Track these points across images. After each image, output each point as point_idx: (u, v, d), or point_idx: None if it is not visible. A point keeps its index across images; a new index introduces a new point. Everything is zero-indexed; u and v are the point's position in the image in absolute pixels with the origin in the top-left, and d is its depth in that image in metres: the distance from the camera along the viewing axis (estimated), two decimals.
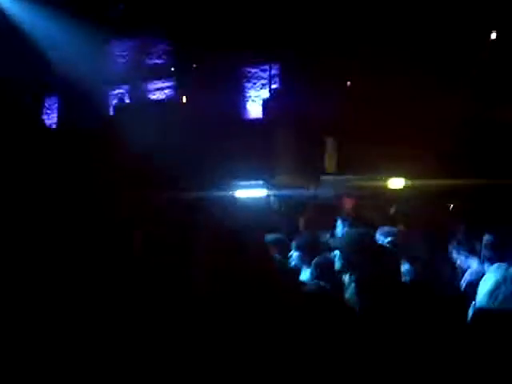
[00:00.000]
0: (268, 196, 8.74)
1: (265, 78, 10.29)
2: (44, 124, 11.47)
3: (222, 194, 7.33)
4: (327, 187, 8.65)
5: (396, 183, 7.61)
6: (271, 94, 9.84)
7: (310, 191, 8.74)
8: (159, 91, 10.87)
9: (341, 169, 8.95)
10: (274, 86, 10.10)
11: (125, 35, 11.18)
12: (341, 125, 8.91)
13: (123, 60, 11.34)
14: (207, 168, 8.56)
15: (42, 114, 11.62)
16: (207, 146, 8.76)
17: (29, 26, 9.85)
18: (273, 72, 10.14)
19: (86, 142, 8.53)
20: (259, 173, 8.90)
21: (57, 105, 11.61)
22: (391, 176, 7.56)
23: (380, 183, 7.60)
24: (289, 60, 9.96)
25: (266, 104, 9.79)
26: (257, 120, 9.92)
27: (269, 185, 8.75)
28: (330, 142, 9.15)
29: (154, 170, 7.89)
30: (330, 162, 9.04)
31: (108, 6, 10.06)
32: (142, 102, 10.91)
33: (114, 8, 10.41)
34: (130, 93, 11.15)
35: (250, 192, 8.66)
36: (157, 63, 11.01)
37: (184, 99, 10.10)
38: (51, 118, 11.64)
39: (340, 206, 7.15)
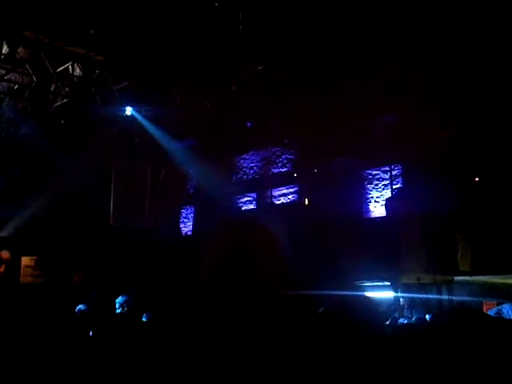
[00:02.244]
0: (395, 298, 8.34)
1: (386, 179, 10.33)
2: (181, 232, 12.62)
3: (351, 294, 7.18)
4: (462, 288, 8.04)
5: None
6: (394, 194, 9.79)
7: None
8: (284, 196, 11.45)
9: (477, 267, 8.29)
10: (396, 186, 10.07)
11: (252, 149, 12.27)
12: (472, 220, 8.44)
13: (251, 171, 12.32)
14: (332, 268, 8.53)
15: (179, 223, 12.85)
16: (330, 245, 8.80)
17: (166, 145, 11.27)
18: (394, 172, 10.17)
19: (215, 245, 9.16)
20: (385, 273, 8.61)
21: (192, 215, 12.78)
22: None
23: None
24: (411, 160, 9.97)
25: (389, 203, 9.72)
26: (380, 219, 9.82)
27: (396, 286, 8.39)
28: (461, 239, 8.63)
29: (280, 269, 8.09)
30: (463, 261, 8.44)
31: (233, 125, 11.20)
32: (268, 207, 11.52)
33: (242, 126, 11.58)
34: (257, 199, 11.90)
35: (376, 293, 8.36)
36: (281, 171, 11.74)
37: (306, 202, 10.48)
38: (187, 226, 12.78)
39: None
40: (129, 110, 10.87)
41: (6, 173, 10.62)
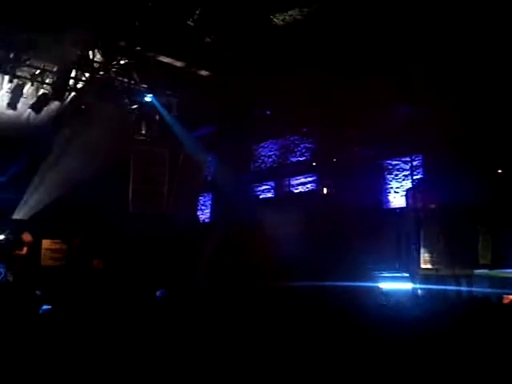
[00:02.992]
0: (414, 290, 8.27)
1: (407, 170, 10.19)
2: (198, 219, 12.65)
3: (366, 284, 7.16)
4: (482, 281, 7.93)
5: None
6: (414, 184, 9.65)
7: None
8: (302, 185, 11.38)
9: (497, 261, 8.16)
10: (416, 177, 9.92)
11: (271, 138, 12.21)
12: (494, 213, 8.29)
13: (270, 159, 12.26)
14: (350, 258, 8.48)
15: (197, 210, 12.89)
16: (349, 235, 8.74)
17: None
18: (415, 163, 10.01)
19: (232, 232, 9.21)
20: (403, 264, 8.54)
21: (210, 202, 12.81)
22: None
23: None
24: (432, 150, 9.80)
25: (409, 194, 9.59)
26: (400, 210, 9.70)
27: (414, 277, 8.31)
28: (483, 232, 8.49)
29: (296, 258, 8.09)
30: (484, 254, 8.31)
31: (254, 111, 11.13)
32: (286, 196, 11.49)
33: (261, 114, 11.51)
34: (276, 188, 11.86)
35: (394, 284, 8.30)
36: (299, 160, 11.66)
37: (325, 191, 10.40)
38: (205, 214, 12.82)
39: None
40: (148, 97, 10.88)
41: (26, 157, 10.74)
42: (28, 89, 10.10)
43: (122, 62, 10.25)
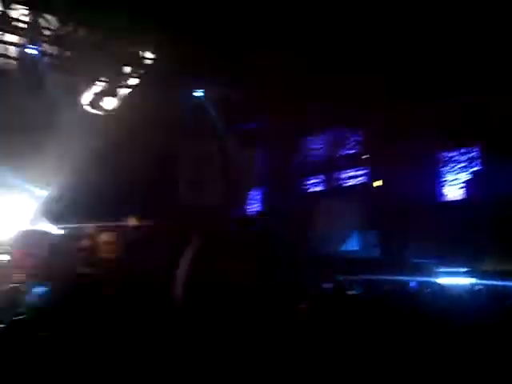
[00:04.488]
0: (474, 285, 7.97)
1: (463, 161, 9.82)
2: (247, 213, 12.73)
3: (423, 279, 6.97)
4: None
5: None
6: (472, 176, 9.28)
7: None
8: (353, 179, 11.20)
9: None
10: (474, 169, 9.55)
11: (321, 131, 12.07)
12: None
13: (319, 153, 12.14)
14: (406, 253, 8.29)
15: (245, 204, 12.96)
16: (403, 229, 8.54)
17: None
18: (472, 154, 9.64)
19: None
20: (462, 259, 8.26)
21: (260, 196, 12.84)
22: None
23: None
24: (490, 141, 9.41)
25: (467, 186, 9.24)
26: (457, 203, 9.36)
27: (474, 272, 8.02)
28: None
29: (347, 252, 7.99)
30: None
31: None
32: (336, 189, 11.35)
33: (310, 106, 11.37)
34: (325, 181, 11.74)
35: (453, 279, 8.05)
36: (349, 153, 11.47)
37: (378, 183, 10.18)
38: (254, 208, 12.85)
39: None
40: (198, 92, 11.02)
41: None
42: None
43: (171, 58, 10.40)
